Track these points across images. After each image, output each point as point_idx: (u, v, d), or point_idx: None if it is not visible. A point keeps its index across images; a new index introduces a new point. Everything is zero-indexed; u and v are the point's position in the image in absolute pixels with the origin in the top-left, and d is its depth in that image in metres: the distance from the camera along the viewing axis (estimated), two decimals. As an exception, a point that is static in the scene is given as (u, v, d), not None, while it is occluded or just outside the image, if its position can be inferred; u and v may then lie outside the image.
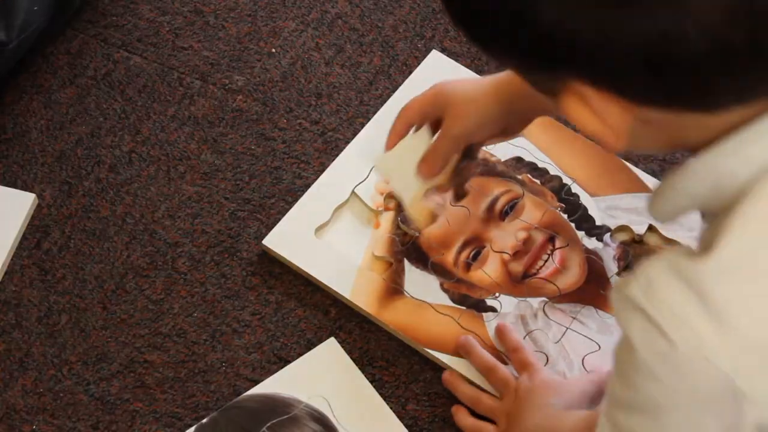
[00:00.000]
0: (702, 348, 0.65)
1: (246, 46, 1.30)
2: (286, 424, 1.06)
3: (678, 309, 0.65)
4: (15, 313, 1.13)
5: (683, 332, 0.65)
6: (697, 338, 0.65)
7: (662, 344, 0.66)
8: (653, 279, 0.67)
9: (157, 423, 1.08)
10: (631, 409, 0.72)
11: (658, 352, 0.67)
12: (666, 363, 0.67)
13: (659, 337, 0.66)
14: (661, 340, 0.66)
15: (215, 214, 1.19)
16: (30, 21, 1.22)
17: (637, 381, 0.69)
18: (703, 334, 0.65)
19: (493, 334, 1.11)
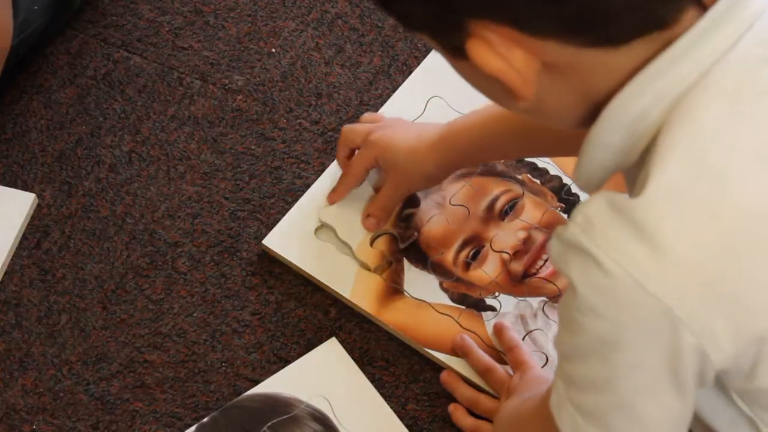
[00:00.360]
0: (637, 274, 0.65)
1: (246, 46, 1.30)
2: (286, 423, 1.06)
3: (614, 238, 0.66)
4: (15, 313, 1.13)
5: (619, 260, 0.66)
6: (632, 265, 0.65)
7: (600, 276, 0.66)
8: (591, 215, 0.68)
9: (157, 423, 1.08)
10: (580, 356, 0.72)
11: (597, 285, 0.67)
12: (605, 295, 0.67)
13: (596, 269, 0.66)
14: (599, 272, 0.66)
15: (215, 214, 1.19)
16: (30, 20, 1.22)
17: (581, 322, 0.70)
18: (638, 260, 0.65)
19: (492, 333, 1.11)
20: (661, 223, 0.65)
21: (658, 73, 0.67)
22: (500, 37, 0.67)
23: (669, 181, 0.66)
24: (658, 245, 0.65)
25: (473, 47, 0.68)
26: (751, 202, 0.66)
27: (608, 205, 0.67)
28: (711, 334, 0.67)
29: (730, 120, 0.67)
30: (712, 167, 0.66)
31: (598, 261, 0.67)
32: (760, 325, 0.67)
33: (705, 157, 0.66)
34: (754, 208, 0.66)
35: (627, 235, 0.66)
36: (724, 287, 0.67)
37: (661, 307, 0.66)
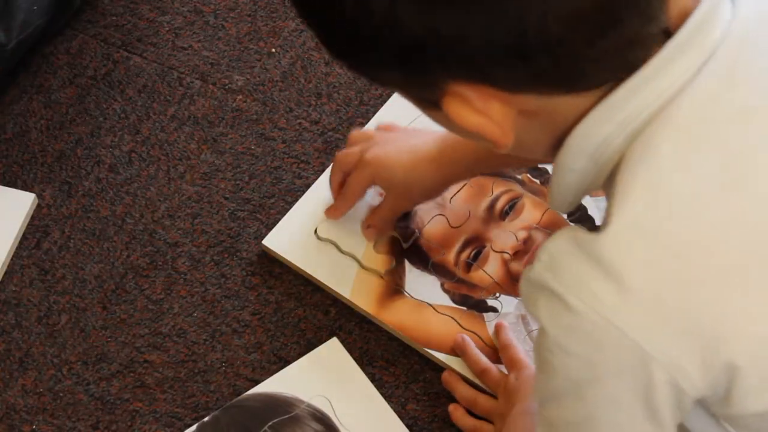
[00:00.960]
0: (603, 311, 0.66)
1: (246, 46, 1.30)
2: (287, 423, 1.06)
3: (579, 277, 0.67)
4: (15, 313, 1.13)
5: (584, 298, 0.67)
6: (597, 303, 0.66)
7: (567, 316, 0.67)
8: (554, 254, 0.69)
9: (156, 423, 1.08)
10: (556, 399, 0.73)
11: (565, 325, 0.68)
12: (574, 334, 0.68)
13: (563, 309, 0.67)
14: (566, 312, 0.67)
15: (215, 214, 1.19)
16: (30, 21, 1.22)
17: (553, 362, 0.70)
18: (603, 298, 0.66)
19: (494, 334, 1.11)
20: (623, 260, 0.66)
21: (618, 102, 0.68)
22: (477, 93, 0.68)
23: (629, 218, 0.66)
24: (621, 282, 0.66)
25: (450, 105, 0.69)
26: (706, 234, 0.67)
27: (572, 242, 0.68)
28: (680, 366, 0.68)
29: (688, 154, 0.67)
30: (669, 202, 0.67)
31: (565, 300, 0.67)
32: (726, 355, 0.68)
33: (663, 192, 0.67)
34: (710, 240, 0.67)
35: (591, 272, 0.67)
36: (687, 320, 0.67)
37: (628, 342, 0.67)
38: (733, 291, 0.67)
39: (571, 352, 0.69)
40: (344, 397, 1.07)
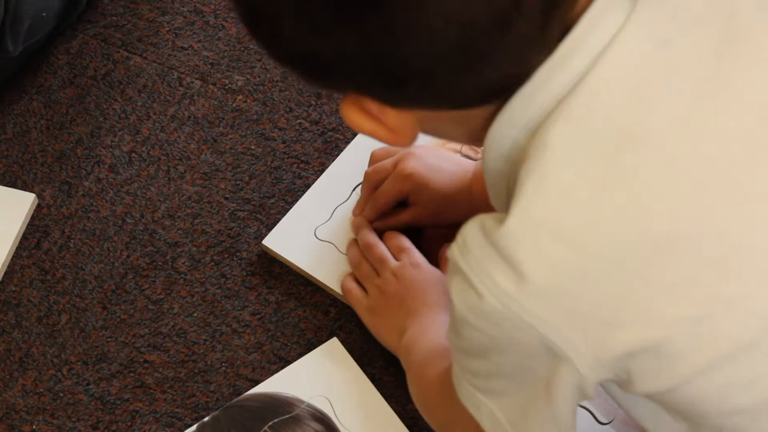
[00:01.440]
0: (503, 298, 0.70)
1: (246, 46, 1.30)
2: (287, 423, 1.06)
3: (482, 263, 0.70)
4: (15, 313, 1.13)
5: (487, 284, 0.70)
6: (499, 290, 0.70)
7: (473, 297, 0.71)
8: (466, 238, 0.72)
9: (156, 423, 1.08)
10: (464, 352, 0.78)
11: (471, 305, 0.72)
12: (479, 315, 0.72)
13: (470, 289, 0.71)
14: (471, 293, 0.71)
15: (215, 214, 1.19)
16: (37, 27, 1.22)
17: (460, 330, 0.75)
18: (503, 285, 0.69)
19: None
20: (519, 251, 0.69)
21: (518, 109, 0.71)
22: (372, 103, 0.72)
23: (523, 211, 0.69)
24: (520, 272, 0.69)
25: (346, 109, 0.74)
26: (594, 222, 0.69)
27: (481, 229, 0.71)
28: (577, 352, 0.71)
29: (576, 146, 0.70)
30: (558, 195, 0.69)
31: (472, 284, 0.71)
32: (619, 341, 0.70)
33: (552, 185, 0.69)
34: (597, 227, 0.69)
35: (493, 261, 0.70)
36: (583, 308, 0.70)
37: (527, 327, 0.70)
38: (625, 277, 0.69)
39: (475, 326, 0.73)
40: (344, 397, 1.08)
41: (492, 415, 0.79)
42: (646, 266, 0.69)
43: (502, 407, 0.79)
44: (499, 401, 0.79)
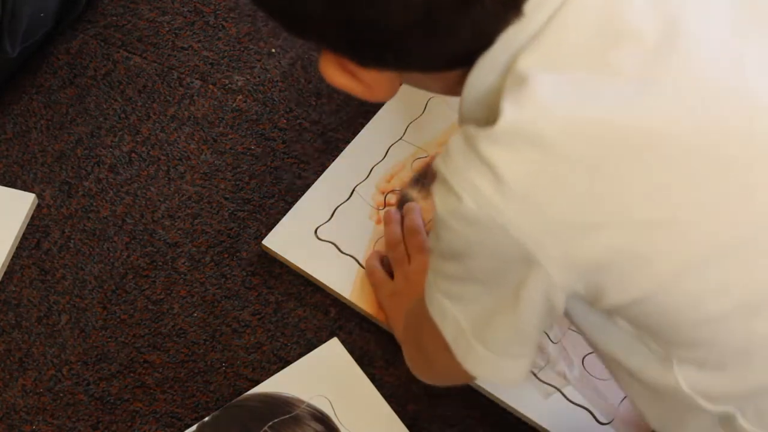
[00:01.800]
0: (483, 202, 0.72)
1: (246, 46, 1.30)
2: (287, 423, 1.06)
3: (464, 168, 0.73)
4: (15, 313, 1.13)
5: (468, 188, 0.73)
6: (478, 193, 0.72)
7: (453, 201, 0.73)
8: (450, 147, 0.75)
9: (156, 423, 1.08)
10: (441, 256, 0.80)
11: (451, 209, 0.74)
12: (457, 218, 0.74)
13: (451, 195, 0.74)
14: (452, 198, 0.74)
15: (215, 215, 1.19)
16: (35, 28, 1.22)
17: (440, 233, 0.77)
18: (482, 189, 0.72)
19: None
20: (496, 153, 0.72)
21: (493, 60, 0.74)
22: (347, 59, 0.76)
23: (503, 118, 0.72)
24: (496, 173, 0.71)
25: (325, 65, 0.78)
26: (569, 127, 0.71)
27: (463, 138, 0.74)
28: (547, 256, 0.73)
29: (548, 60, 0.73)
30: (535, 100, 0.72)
31: (452, 188, 0.73)
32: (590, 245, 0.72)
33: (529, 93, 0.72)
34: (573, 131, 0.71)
35: (473, 166, 0.73)
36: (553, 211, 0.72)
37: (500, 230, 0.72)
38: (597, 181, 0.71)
39: (453, 229, 0.75)
40: (344, 397, 1.08)
41: (456, 324, 0.81)
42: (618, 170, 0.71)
43: (467, 314, 0.80)
44: (465, 308, 0.80)
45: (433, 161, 0.77)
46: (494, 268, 0.76)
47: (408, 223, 1.15)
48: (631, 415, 1.07)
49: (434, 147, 1.22)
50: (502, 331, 0.79)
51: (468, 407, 1.09)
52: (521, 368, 0.82)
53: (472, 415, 1.09)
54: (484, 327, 0.80)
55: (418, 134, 1.23)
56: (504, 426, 1.08)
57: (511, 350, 0.81)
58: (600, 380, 1.09)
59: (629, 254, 0.72)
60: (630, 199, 0.71)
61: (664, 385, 0.78)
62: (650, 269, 0.72)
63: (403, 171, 1.20)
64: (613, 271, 0.73)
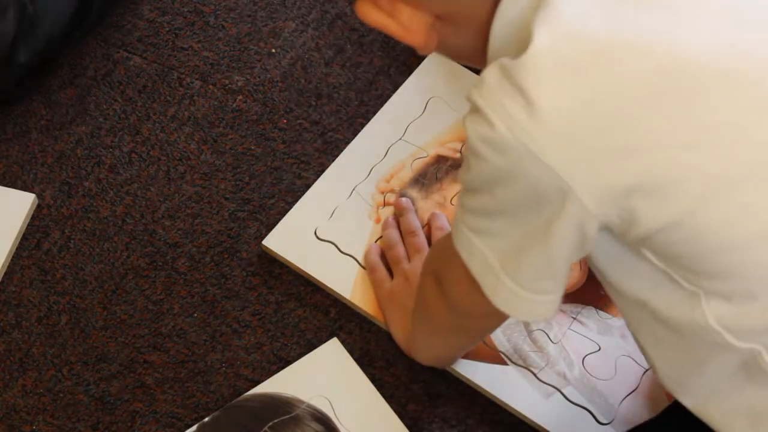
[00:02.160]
0: (516, 128, 0.72)
1: (246, 46, 1.30)
2: (287, 423, 1.06)
3: (497, 95, 0.73)
4: (15, 313, 1.13)
5: (501, 114, 0.73)
6: (510, 119, 0.72)
7: (486, 128, 0.74)
8: (484, 76, 0.75)
9: (157, 423, 1.08)
10: (471, 189, 0.80)
11: (482, 135, 0.74)
12: (489, 144, 0.74)
13: (483, 121, 0.74)
14: (485, 125, 0.74)
15: (215, 215, 1.19)
16: (51, 40, 1.22)
17: (471, 162, 0.77)
18: (515, 115, 0.72)
19: (493, 334, 1.11)
20: (529, 78, 0.72)
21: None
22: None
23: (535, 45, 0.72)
24: (529, 99, 0.72)
25: (362, 7, 0.79)
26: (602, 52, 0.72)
27: (499, 67, 0.74)
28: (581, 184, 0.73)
29: None
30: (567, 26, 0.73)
31: (485, 114, 0.74)
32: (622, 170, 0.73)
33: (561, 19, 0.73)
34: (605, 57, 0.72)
35: (507, 90, 0.73)
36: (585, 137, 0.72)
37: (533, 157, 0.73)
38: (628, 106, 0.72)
39: (483, 157, 0.75)
40: (344, 398, 1.08)
41: (483, 259, 0.81)
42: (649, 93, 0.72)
43: (495, 249, 0.80)
44: (493, 242, 0.80)
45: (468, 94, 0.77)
46: (524, 198, 0.76)
47: (404, 224, 1.15)
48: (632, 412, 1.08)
49: (434, 147, 1.22)
50: (533, 265, 0.79)
51: (468, 407, 1.09)
52: (550, 305, 0.82)
53: (472, 415, 1.09)
54: (513, 261, 0.80)
55: (418, 134, 1.23)
56: (504, 426, 1.08)
57: (541, 285, 0.81)
58: (600, 380, 1.10)
59: (661, 177, 0.73)
60: (662, 122, 0.72)
61: (691, 322, 0.78)
62: (681, 192, 0.73)
63: (402, 171, 1.20)
64: (645, 195, 0.73)
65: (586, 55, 0.72)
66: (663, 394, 1.09)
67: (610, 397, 1.09)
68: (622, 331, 1.11)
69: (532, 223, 0.77)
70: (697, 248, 0.75)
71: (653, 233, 0.75)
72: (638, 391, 1.09)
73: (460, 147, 1.21)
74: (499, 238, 0.80)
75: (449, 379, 1.10)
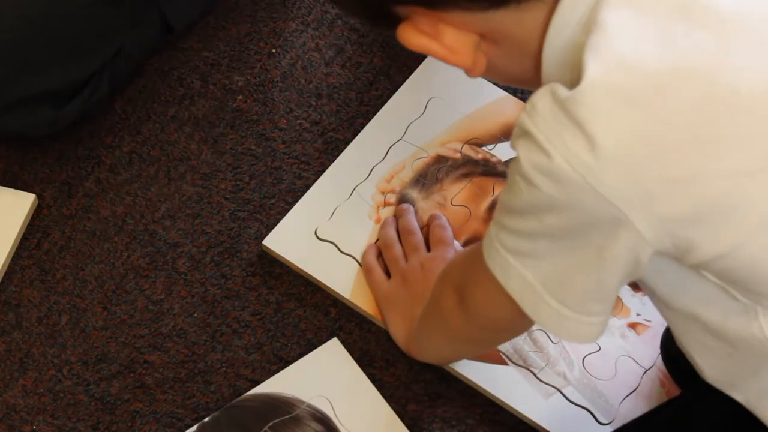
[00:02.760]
0: (575, 162, 0.71)
1: (246, 46, 1.30)
2: (288, 423, 1.06)
3: (553, 126, 0.72)
4: (15, 313, 1.13)
5: (558, 146, 0.71)
6: (569, 153, 0.71)
7: (541, 157, 0.72)
8: (536, 102, 0.73)
9: (157, 423, 1.08)
10: (514, 211, 0.78)
11: (538, 164, 0.73)
12: (545, 173, 0.73)
13: (539, 150, 0.72)
14: (540, 154, 0.72)
15: (215, 215, 1.19)
16: None
17: (520, 186, 0.75)
18: (575, 150, 0.71)
19: None
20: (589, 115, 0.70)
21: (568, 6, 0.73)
22: (425, 18, 0.76)
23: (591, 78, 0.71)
24: (590, 137, 0.70)
25: (402, 31, 0.77)
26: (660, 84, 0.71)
27: (551, 95, 0.72)
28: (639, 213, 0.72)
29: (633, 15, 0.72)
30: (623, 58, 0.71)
31: (540, 143, 0.72)
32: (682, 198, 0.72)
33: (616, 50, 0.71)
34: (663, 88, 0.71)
35: (564, 124, 0.71)
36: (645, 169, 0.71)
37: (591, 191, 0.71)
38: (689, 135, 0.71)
39: (536, 185, 0.73)
40: (344, 398, 1.08)
41: (522, 279, 0.80)
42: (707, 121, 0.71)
43: (537, 271, 0.79)
44: (534, 264, 0.79)
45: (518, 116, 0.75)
46: (576, 226, 0.75)
47: (402, 224, 1.15)
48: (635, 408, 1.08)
49: (434, 147, 1.22)
50: (580, 288, 0.78)
51: (468, 407, 1.09)
52: (597, 326, 0.81)
53: (472, 415, 1.09)
54: (558, 283, 0.79)
55: (419, 134, 1.23)
56: (504, 426, 1.08)
57: (588, 307, 0.80)
58: (600, 380, 1.10)
59: (720, 205, 0.72)
60: (720, 149, 0.71)
61: (746, 335, 0.78)
62: (740, 219, 0.72)
63: (403, 171, 1.20)
64: (704, 223, 0.72)
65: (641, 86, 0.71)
66: (663, 394, 1.09)
67: (610, 398, 1.09)
68: (622, 331, 1.11)
69: (581, 249, 0.76)
70: (756, 271, 0.74)
71: (711, 260, 0.74)
72: (638, 392, 1.09)
73: (460, 147, 1.21)
74: (542, 260, 0.78)
75: (449, 379, 1.11)
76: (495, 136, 1.23)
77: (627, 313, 1.12)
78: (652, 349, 1.11)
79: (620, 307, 1.13)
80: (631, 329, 1.12)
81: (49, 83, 1.15)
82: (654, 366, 1.09)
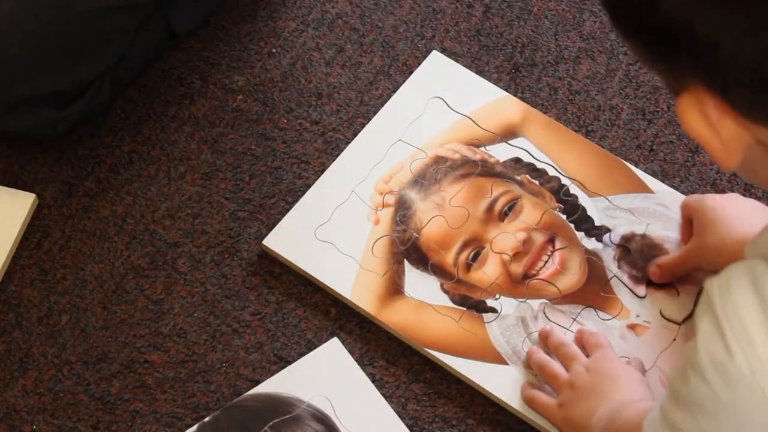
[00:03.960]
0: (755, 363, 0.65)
1: (246, 46, 1.30)
2: (288, 423, 1.06)
3: (743, 315, 0.65)
4: (15, 313, 1.13)
5: (741, 342, 0.65)
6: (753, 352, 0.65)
7: (722, 352, 0.66)
8: (731, 279, 0.67)
9: (157, 423, 1.08)
10: (678, 401, 0.73)
11: (716, 359, 0.67)
12: (719, 372, 0.67)
13: (721, 343, 0.66)
14: (722, 348, 0.66)
15: (215, 215, 1.19)
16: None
17: (690, 377, 0.70)
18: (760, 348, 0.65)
19: (493, 335, 1.11)
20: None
21: None
22: (715, 103, 0.65)
23: None
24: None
25: (684, 103, 0.67)
26: None
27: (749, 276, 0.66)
28: None
29: None
30: None
31: (724, 335, 0.66)
32: None
33: None
34: None
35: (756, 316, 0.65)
36: None
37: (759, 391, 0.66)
38: None
39: (708, 381, 0.68)
40: (344, 397, 1.08)
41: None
42: None
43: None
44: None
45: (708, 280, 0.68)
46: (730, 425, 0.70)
47: (554, 339, 1.09)
48: None
49: (433, 148, 1.22)
50: None
51: (468, 407, 1.09)
52: None
53: (472, 415, 1.09)
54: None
55: (418, 135, 1.23)
56: (504, 426, 1.08)
57: None
58: (599, 380, 1.09)
59: None
60: None
61: None
62: None
63: (401, 172, 1.20)
64: None
65: None
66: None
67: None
68: (622, 333, 1.12)
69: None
70: None
71: None
72: (638, 392, 1.09)
73: (459, 148, 1.22)
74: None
75: (449, 379, 1.11)
76: (494, 136, 1.23)
77: (626, 314, 1.12)
78: (651, 350, 1.11)
79: (620, 309, 1.13)
80: (631, 330, 1.12)
81: (55, 84, 1.15)
82: (654, 366, 1.09)
